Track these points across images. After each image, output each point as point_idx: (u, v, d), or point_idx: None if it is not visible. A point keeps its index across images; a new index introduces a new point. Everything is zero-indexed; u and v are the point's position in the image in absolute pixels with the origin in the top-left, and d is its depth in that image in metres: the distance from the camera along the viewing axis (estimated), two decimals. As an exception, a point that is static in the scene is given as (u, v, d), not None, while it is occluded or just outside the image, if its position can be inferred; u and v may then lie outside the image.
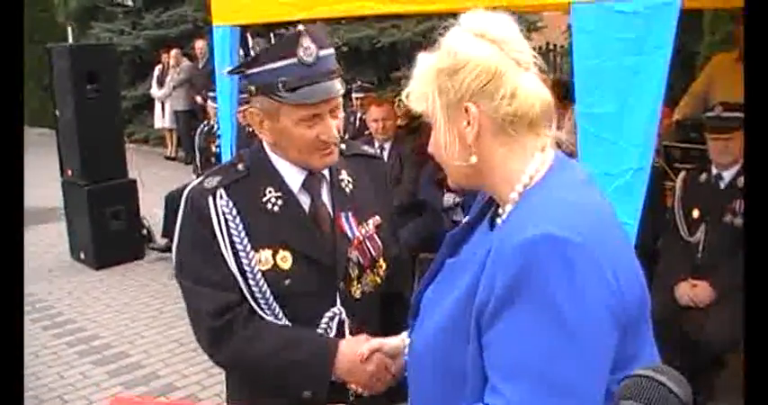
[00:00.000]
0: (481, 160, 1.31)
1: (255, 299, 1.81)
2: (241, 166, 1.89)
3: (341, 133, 1.85)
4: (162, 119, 12.17)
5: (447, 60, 1.30)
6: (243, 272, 1.80)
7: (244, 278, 1.80)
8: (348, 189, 1.96)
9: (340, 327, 1.87)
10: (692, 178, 4.03)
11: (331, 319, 1.87)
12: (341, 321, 1.87)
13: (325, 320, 1.86)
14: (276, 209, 1.85)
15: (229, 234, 1.80)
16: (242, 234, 1.81)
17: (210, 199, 1.82)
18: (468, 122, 1.29)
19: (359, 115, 6.91)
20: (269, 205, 1.85)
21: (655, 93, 2.47)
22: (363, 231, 1.94)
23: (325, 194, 1.93)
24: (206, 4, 4.49)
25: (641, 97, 2.48)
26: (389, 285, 2.01)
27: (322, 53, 1.77)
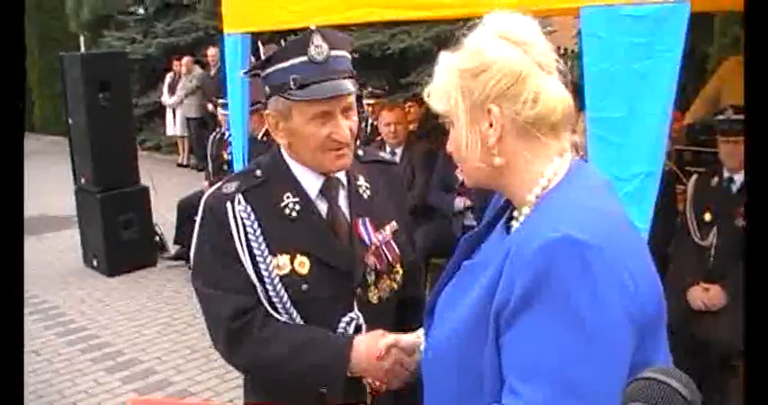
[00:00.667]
0: (501, 162, 1.31)
1: (273, 304, 1.82)
2: (259, 172, 1.90)
3: (355, 136, 1.86)
4: (174, 126, 12.22)
5: (471, 61, 1.29)
6: (260, 277, 1.81)
7: (261, 283, 1.81)
8: (365, 195, 1.97)
9: (357, 332, 1.88)
10: (704, 182, 4.02)
11: (348, 325, 1.88)
12: (358, 326, 1.88)
13: (342, 325, 1.87)
14: (294, 214, 1.86)
15: (247, 239, 1.81)
16: (260, 239, 1.82)
17: (229, 204, 1.83)
18: (490, 124, 1.29)
19: (370, 121, 6.92)
20: (286, 211, 1.86)
21: (665, 96, 2.47)
22: (380, 237, 1.94)
23: (342, 200, 1.94)
24: (217, 12, 4.50)
25: (651, 101, 2.48)
26: (405, 290, 2.01)
27: (333, 53, 1.79)
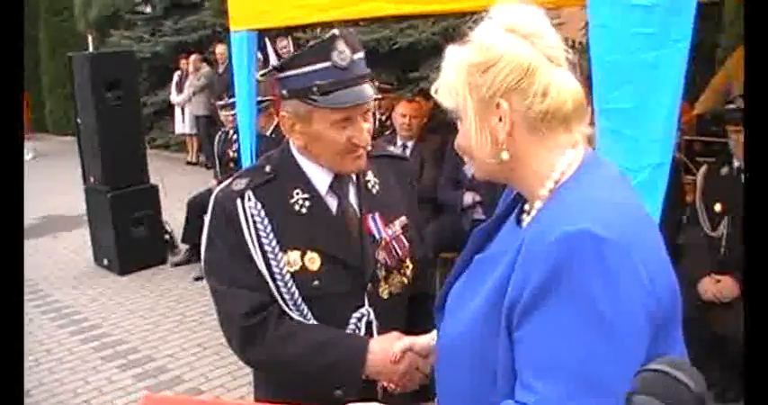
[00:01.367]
0: (512, 157, 1.28)
1: (284, 300, 1.82)
2: (268, 168, 1.90)
3: (371, 136, 1.86)
4: (182, 124, 12.23)
5: (478, 56, 1.27)
6: (271, 273, 1.81)
7: (272, 279, 1.81)
8: (375, 190, 1.97)
9: (368, 327, 1.88)
10: (714, 172, 4.00)
11: (359, 320, 1.88)
12: (369, 322, 1.89)
13: (353, 321, 1.88)
14: (304, 210, 1.86)
15: (258, 236, 1.82)
16: (270, 236, 1.82)
17: (239, 201, 1.83)
18: (499, 119, 1.27)
19: (378, 116, 6.91)
20: (297, 207, 1.86)
21: (674, 87, 2.45)
22: (390, 232, 1.94)
23: (352, 196, 1.94)
24: (225, 10, 4.50)
25: (660, 92, 2.46)
26: (415, 285, 2.01)
27: (355, 57, 1.79)
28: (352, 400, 1.52)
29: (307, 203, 1.86)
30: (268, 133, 5.78)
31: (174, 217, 7.34)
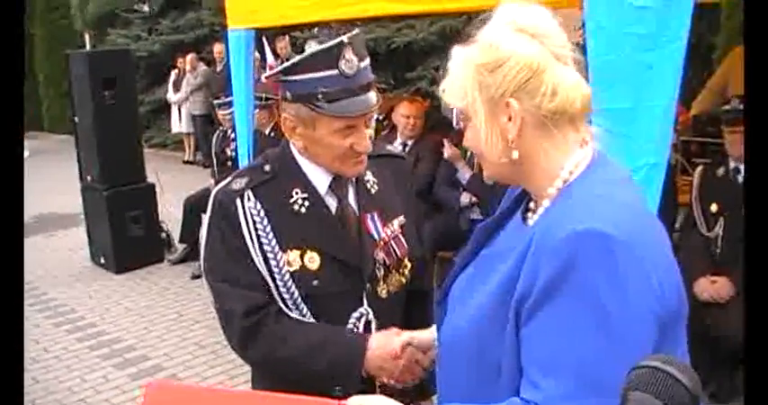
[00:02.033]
0: (522, 156, 1.29)
1: (284, 299, 1.83)
2: (268, 168, 1.90)
3: (372, 140, 1.86)
4: (179, 123, 12.21)
5: (486, 56, 1.27)
6: (271, 273, 1.82)
7: (272, 279, 1.82)
8: (373, 190, 1.97)
9: (367, 327, 1.89)
10: (710, 173, 4.01)
11: (358, 320, 1.89)
12: (368, 321, 1.89)
13: (352, 320, 1.88)
14: (303, 210, 1.86)
15: (257, 235, 1.82)
16: (270, 235, 1.82)
17: (238, 201, 1.84)
18: (509, 118, 1.27)
19: (375, 116, 6.91)
20: (296, 207, 1.86)
21: (670, 88, 2.46)
22: (389, 232, 1.95)
23: (351, 196, 1.94)
24: (222, 9, 4.49)
25: (656, 92, 2.47)
26: (413, 284, 2.02)
27: (362, 65, 1.78)
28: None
29: (306, 203, 1.87)
30: (267, 132, 5.78)
31: (171, 216, 7.33)
